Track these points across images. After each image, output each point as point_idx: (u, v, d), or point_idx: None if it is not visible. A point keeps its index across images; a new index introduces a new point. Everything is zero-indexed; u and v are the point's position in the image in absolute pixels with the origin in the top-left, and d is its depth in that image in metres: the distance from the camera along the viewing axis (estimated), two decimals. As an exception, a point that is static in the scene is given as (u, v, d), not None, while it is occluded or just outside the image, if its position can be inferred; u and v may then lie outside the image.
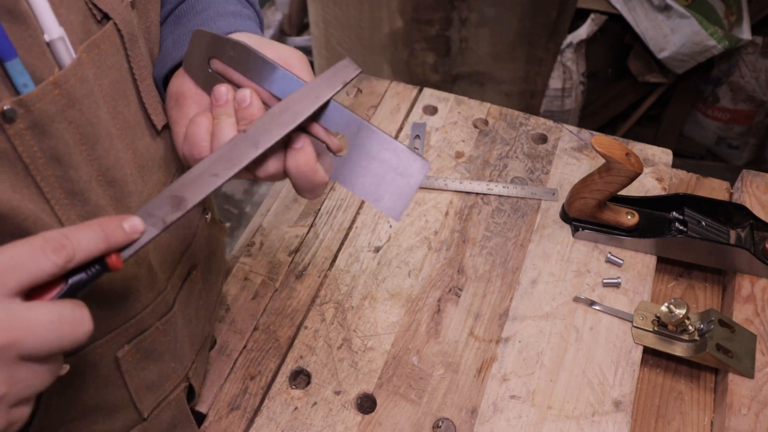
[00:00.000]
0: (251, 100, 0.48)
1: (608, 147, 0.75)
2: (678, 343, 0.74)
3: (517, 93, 1.68)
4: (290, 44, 2.20)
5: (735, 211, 0.83)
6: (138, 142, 0.50)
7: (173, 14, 0.58)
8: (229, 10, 0.57)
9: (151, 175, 0.52)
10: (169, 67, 0.52)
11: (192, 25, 0.54)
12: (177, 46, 0.53)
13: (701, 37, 1.83)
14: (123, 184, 0.48)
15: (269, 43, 0.51)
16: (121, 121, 0.48)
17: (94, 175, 0.45)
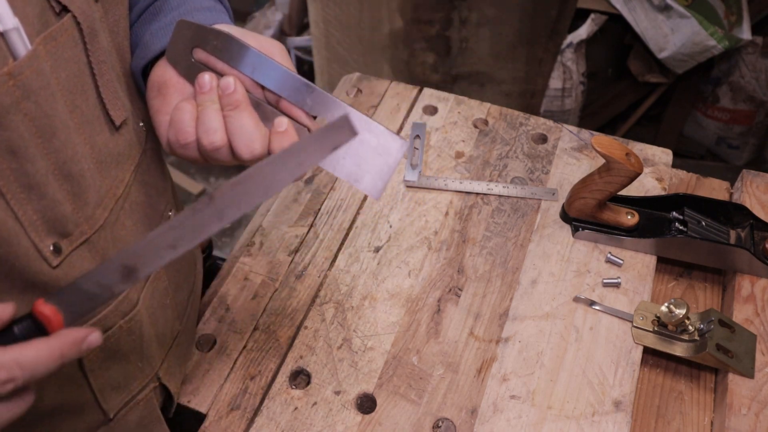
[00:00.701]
0: (235, 86, 0.49)
1: (608, 147, 0.75)
2: (678, 343, 0.74)
3: (517, 93, 1.68)
4: (290, 44, 2.20)
5: (735, 211, 0.83)
6: (96, 136, 0.49)
7: (148, 11, 0.58)
8: (205, 5, 0.58)
9: (108, 170, 0.52)
10: (148, 59, 0.53)
11: (169, 19, 0.55)
12: (155, 38, 0.54)
13: (701, 37, 1.83)
14: (80, 179, 0.48)
15: (250, 33, 0.52)
16: (78, 115, 0.47)
17: (51, 169, 0.45)
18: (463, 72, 1.63)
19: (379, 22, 1.54)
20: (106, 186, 0.52)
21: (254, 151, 0.49)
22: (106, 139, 0.51)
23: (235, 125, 0.49)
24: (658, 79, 2.00)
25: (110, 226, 0.53)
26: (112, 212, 0.53)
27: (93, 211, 0.50)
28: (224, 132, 0.49)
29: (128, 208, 0.56)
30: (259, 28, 2.17)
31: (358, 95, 1.02)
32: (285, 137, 0.49)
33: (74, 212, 0.48)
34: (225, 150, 0.49)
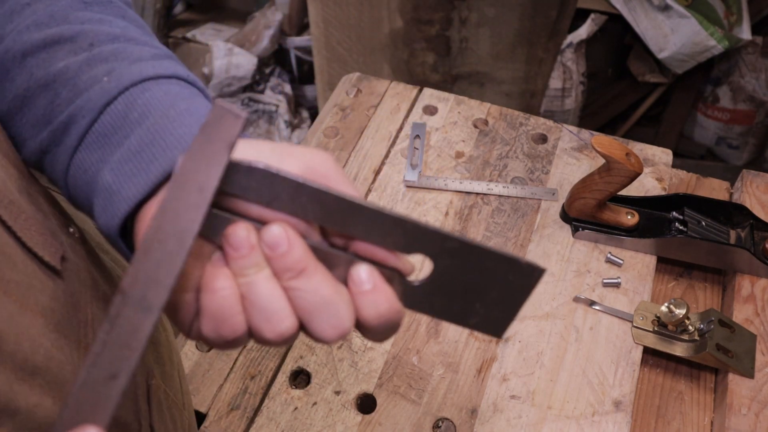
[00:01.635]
0: (289, 239, 0.34)
1: (608, 147, 0.75)
2: (678, 343, 0.74)
3: (517, 93, 1.68)
4: (290, 44, 2.20)
5: (735, 211, 0.83)
6: (41, 298, 0.36)
7: (89, 130, 0.39)
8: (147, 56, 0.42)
9: (70, 328, 0.38)
10: (123, 214, 0.36)
11: (134, 143, 0.37)
12: (125, 178, 0.36)
13: (701, 37, 1.83)
14: (48, 363, 0.35)
15: (282, 148, 0.36)
16: (14, 290, 0.34)
17: (14, 377, 0.33)
18: (463, 72, 1.63)
19: (379, 22, 1.54)
20: (74, 344, 0.38)
21: (344, 330, 0.34)
22: (51, 293, 0.37)
23: (307, 300, 0.34)
24: (658, 79, 2.00)
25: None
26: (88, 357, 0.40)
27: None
28: (292, 312, 0.34)
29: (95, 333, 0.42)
30: (259, 28, 2.17)
31: (358, 95, 1.02)
32: (379, 296, 0.35)
33: (57, 402, 0.36)
34: (296, 335, 0.35)
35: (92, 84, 0.39)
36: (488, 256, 0.35)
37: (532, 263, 0.35)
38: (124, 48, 0.41)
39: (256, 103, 2.16)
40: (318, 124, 0.99)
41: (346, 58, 1.66)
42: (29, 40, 0.41)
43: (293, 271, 0.34)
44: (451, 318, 0.38)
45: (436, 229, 0.35)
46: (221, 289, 0.34)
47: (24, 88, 0.41)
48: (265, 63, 2.17)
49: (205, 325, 0.35)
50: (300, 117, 2.25)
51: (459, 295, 0.37)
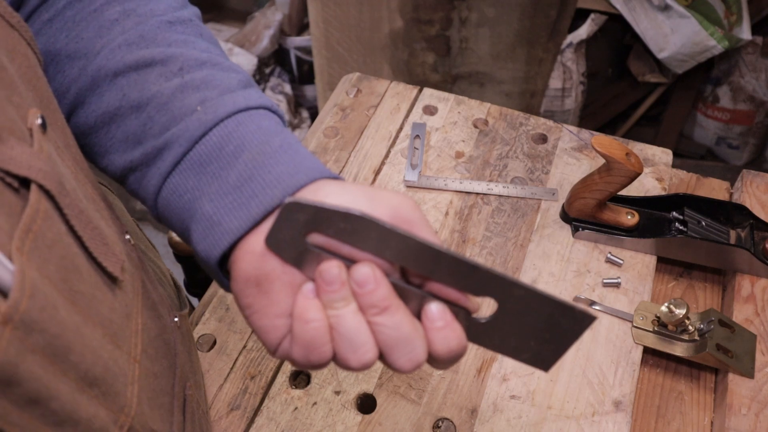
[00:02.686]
0: (377, 280, 0.37)
1: (608, 147, 0.75)
2: (678, 343, 0.74)
3: (517, 93, 1.68)
4: (290, 44, 2.19)
5: (735, 211, 0.83)
6: (102, 309, 0.38)
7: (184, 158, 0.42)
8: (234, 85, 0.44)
9: (123, 339, 0.40)
10: (226, 246, 0.40)
11: (235, 177, 0.40)
12: (227, 212, 0.40)
13: (701, 37, 1.83)
14: (106, 374, 0.37)
15: (373, 194, 0.40)
16: (81, 301, 0.36)
17: (76, 388, 0.35)
18: (463, 72, 1.63)
19: (379, 22, 1.54)
20: (126, 355, 0.40)
21: (419, 363, 0.38)
22: (111, 304, 0.39)
23: (389, 335, 0.38)
24: (658, 79, 2.00)
25: (142, 391, 0.42)
26: (140, 378, 0.42)
27: (125, 395, 0.39)
28: (375, 344, 0.38)
29: (150, 353, 0.44)
30: (259, 28, 2.17)
31: (358, 95, 1.02)
32: (450, 333, 0.38)
33: (109, 413, 0.38)
34: (374, 363, 0.39)
35: (187, 113, 0.42)
36: (550, 303, 0.39)
37: (585, 311, 0.39)
38: (213, 76, 0.44)
39: (256, 103, 2.15)
40: (318, 124, 0.99)
41: (346, 58, 1.66)
42: (122, 60, 0.44)
43: (378, 308, 0.37)
44: (506, 352, 0.42)
45: (506, 276, 0.39)
46: (314, 320, 0.37)
47: (115, 107, 0.44)
48: (265, 63, 2.17)
49: (296, 350, 0.38)
50: (300, 117, 2.25)
51: (516, 334, 0.41)
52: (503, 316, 0.40)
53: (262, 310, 0.40)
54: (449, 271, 0.39)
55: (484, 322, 0.41)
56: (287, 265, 0.39)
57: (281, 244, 0.39)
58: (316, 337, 0.38)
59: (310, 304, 0.38)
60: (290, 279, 0.39)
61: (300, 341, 0.38)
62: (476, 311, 0.41)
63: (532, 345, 0.41)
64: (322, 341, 0.38)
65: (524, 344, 0.41)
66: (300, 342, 0.38)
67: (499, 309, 0.40)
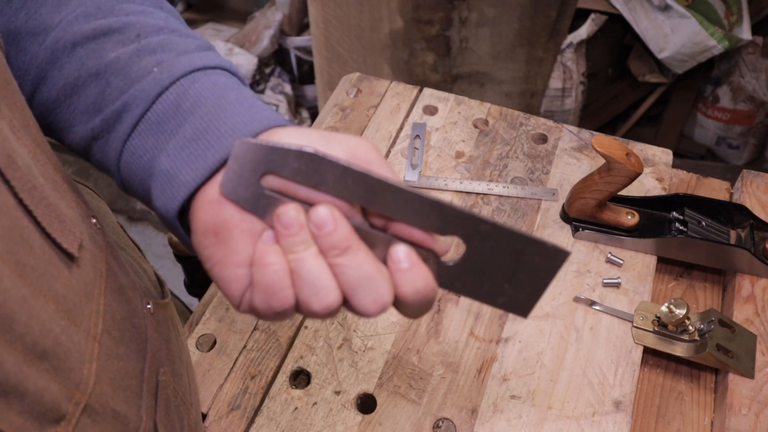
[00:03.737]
0: (335, 220, 0.36)
1: (608, 147, 0.75)
2: (678, 343, 0.74)
3: (517, 93, 1.68)
4: (290, 44, 2.20)
5: (735, 212, 0.83)
6: (55, 284, 0.37)
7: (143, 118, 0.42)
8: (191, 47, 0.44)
9: (81, 313, 0.39)
10: (183, 197, 0.39)
11: (190, 131, 0.40)
12: (182, 164, 0.40)
13: (701, 37, 1.83)
14: (56, 348, 0.36)
15: (329, 135, 0.39)
16: (29, 274, 0.35)
17: (23, 359, 0.34)
18: (463, 72, 1.63)
19: (379, 22, 1.54)
20: (83, 332, 0.39)
21: (384, 305, 0.37)
22: (66, 280, 0.38)
23: (351, 276, 0.37)
24: (658, 79, 2.00)
25: (103, 370, 0.41)
26: (99, 357, 0.41)
27: (81, 372, 0.39)
28: (337, 287, 0.37)
29: (114, 335, 0.43)
30: (259, 28, 2.17)
31: (358, 95, 1.02)
32: (416, 274, 0.38)
33: (62, 389, 0.37)
34: (339, 308, 0.38)
35: (143, 75, 0.42)
36: (518, 238, 0.38)
37: (557, 246, 0.38)
38: (169, 40, 0.44)
39: (256, 103, 2.15)
40: (318, 124, 0.99)
41: (346, 58, 1.66)
42: (79, 31, 0.44)
43: (338, 249, 0.36)
44: (480, 297, 0.41)
45: (470, 213, 0.37)
46: (272, 263, 0.37)
47: (74, 77, 0.43)
48: (265, 63, 2.17)
49: (257, 297, 0.38)
50: (300, 117, 2.24)
51: (489, 276, 0.40)
52: (473, 257, 0.39)
53: (222, 260, 0.39)
54: (411, 209, 0.38)
55: (453, 265, 0.39)
56: (245, 212, 0.38)
57: (237, 190, 0.38)
58: (276, 281, 0.37)
59: (269, 249, 0.37)
60: (249, 227, 0.38)
61: (260, 287, 0.37)
62: (444, 254, 0.39)
63: (507, 288, 0.40)
64: (282, 285, 0.37)
65: (498, 287, 0.40)
66: (260, 287, 0.37)
67: (467, 250, 0.39)
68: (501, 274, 0.39)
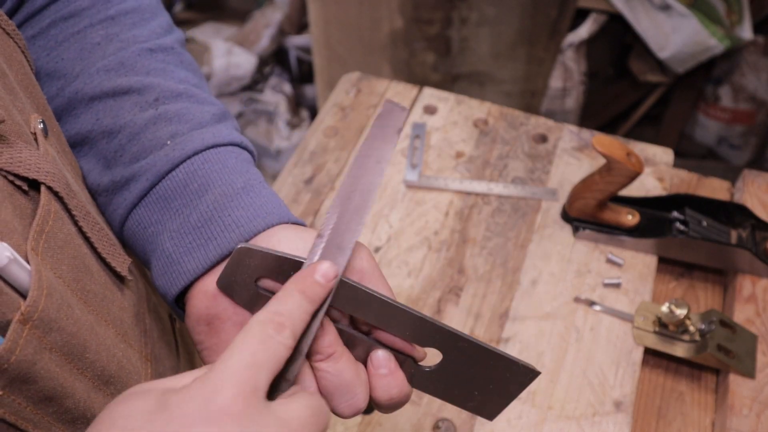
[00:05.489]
0: (324, 327, 0.39)
1: (609, 147, 0.75)
2: (679, 343, 0.73)
3: (517, 93, 1.67)
4: (290, 44, 2.19)
5: (736, 211, 0.82)
6: (112, 308, 0.39)
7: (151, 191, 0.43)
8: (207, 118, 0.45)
9: (134, 338, 0.42)
10: (183, 285, 0.41)
11: (195, 218, 0.41)
12: (185, 252, 0.41)
13: (702, 37, 1.83)
14: (120, 373, 0.38)
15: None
16: (93, 300, 0.37)
17: (91, 386, 0.36)
18: (463, 72, 1.63)
19: (379, 22, 1.54)
20: (137, 354, 0.42)
21: (359, 410, 0.39)
22: (120, 303, 0.41)
23: (330, 381, 0.38)
24: (659, 78, 2.00)
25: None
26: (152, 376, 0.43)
27: None
28: (316, 388, 0.39)
29: (156, 354, 0.45)
30: (259, 28, 2.16)
31: (358, 95, 1.02)
32: (392, 381, 0.40)
33: None
34: None
35: (156, 146, 0.43)
36: (492, 356, 0.40)
37: (528, 366, 0.41)
38: (187, 109, 0.45)
39: (256, 103, 2.15)
40: (318, 124, 0.98)
41: (346, 58, 1.66)
42: (99, 86, 0.45)
43: (322, 355, 0.38)
44: (451, 400, 0.43)
45: (451, 330, 0.40)
46: None
47: (88, 130, 0.45)
48: (265, 62, 2.17)
49: None
50: (300, 117, 2.24)
51: (461, 383, 0.42)
52: (448, 366, 0.41)
53: (212, 347, 0.41)
54: (397, 321, 0.40)
55: (428, 371, 0.42)
56: (238, 306, 0.40)
57: (233, 287, 0.40)
58: None
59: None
60: (241, 320, 0.40)
61: None
62: (421, 360, 0.42)
63: (477, 395, 0.42)
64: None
65: (469, 394, 0.42)
66: None
67: (443, 359, 0.41)
68: (472, 383, 0.42)
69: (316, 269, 0.37)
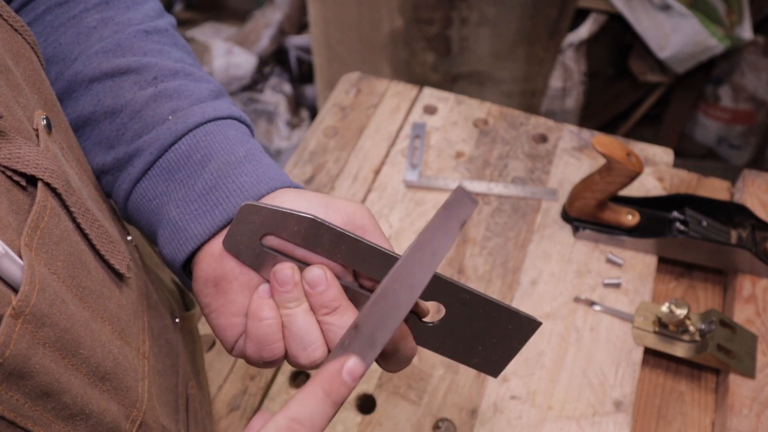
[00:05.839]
0: (328, 281, 0.39)
1: (609, 147, 0.75)
2: (679, 343, 0.73)
3: (517, 93, 1.67)
4: (290, 44, 2.19)
5: (736, 211, 0.82)
6: (109, 305, 0.39)
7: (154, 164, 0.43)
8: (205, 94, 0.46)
9: (131, 335, 0.42)
10: (190, 250, 0.42)
11: (201, 186, 0.42)
12: (190, 218, 0.42)
13: (702, 37, 1.83)
14: (116, 368, 0.38)
15: (328, 201, 0.42)
16: (89, 297, 0.37)
17: (87, 381, 0.36)
18: (463, 71, 1.63)
19: (379, 22, 1.54)
20: (135, 351, 0.41)
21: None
22: (118, 301, 0.40)
23: (337, 333, 0.39)
24: (659, 78, 2.00)
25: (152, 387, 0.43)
26: (149, 374, 0.43)
27: (137, 390, 0.41)
28: (324, 343, 0.40)
29: (155, 351, 0.45)
30: (259, 27, 2.16)
31: (358, 95, 1.02)
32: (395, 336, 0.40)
33: (121, 408, 0.39)
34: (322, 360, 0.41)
35: (158, 121, 0.44)
36: (494, 307, 0.41)
37: (530, 317, 0.41)
38: (185, 86, 0.46)
39: (256, 103, 2.15)
40: (318, 124, 0.98)
41: (346, 58, 1.66)
42: (98, 67, 0.45)
43: (328, 308, 0.39)
44: (455, 357, 0.44)
45: (453, 282, 0.41)
46: (267, 318, 0.40)
47: (90, 111, 0.45)
48: (265, 62, 2.17)
49: (250, 347, 0.41)
50: (300, 117, 2.24)
51: (465, 339, 0.43)
52: (451, 320, 0.42)
53: (219, 308, 0.42)
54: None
55: (432, 326, 0.42)
56: (245, 266, 0.41)
57: (239, 246, 0.41)
58: (269, 334, 0.40)
59: (264, 303, 0.40)
60: (247, 279, 0.41)
61: (253, 338, 0.40)
62: (425, 315, 0.42)
63: (480, 350, 0.43)
64: (274, 338, 0.40)
65: (472, 349, 0.43)
66: (253, 339, 0.40)
67: (446, 314, 0.42)
68: (476, 338, 0.42)
69: (343, 366, 0.36)
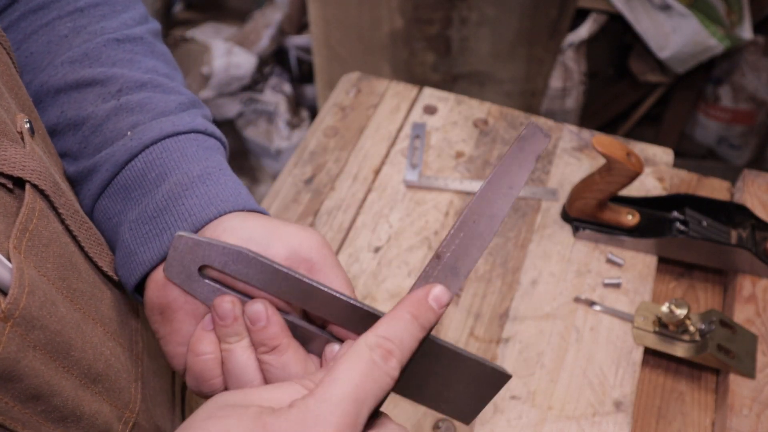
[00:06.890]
0: (269, 317, 0.38)
1: (609, 147, 0.75)
2: (679, 343, 0.73)
3: (517, 93, 1.67)
4: (290, 44, 2.19)
5: (736, 211, 0.82)
6: (101, 307, 0.39)
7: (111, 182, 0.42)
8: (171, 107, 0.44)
9: (124, 337, 0.42)
10: (139, 276, 0.40)
11: (151, 207, 0.41)
12: (141, 242, 0.41)
13: (702, 37, 1.83)
14: (108, 370, 0.38)
15: (274, 229, 0.40)
16: (80, 299, 0.37)
17: (78, 384, 0.36)
18: (463, 71, 1.63)
19: (379, 22, 1.54)
20: (128, 352, 0.42)
21: None
22: (109, 302, 0.41)
23: (274, 374, 0.38)
24: (659, 78, 2.00)
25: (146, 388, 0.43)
26: (143, 375, 0.43)
27: (129, 392, 0.41)
28: (261, 381, 0.38)
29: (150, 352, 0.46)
30: (259, 27, 2.16)
31: (357, 95, 1.02)
32: None
33: (114, 409, 0.39)
34: None
35: (116, 137, 0.43)
36: (459, 358, 0.39)
37: (498, 369, 0.39)
38: (149, 99, 0.45)
39: (256, 103, 2.15)
40: (317, 124, 0.98)
41: (346, 58, 1.66)
42: (63, 78, 0.45)
43: (267, 347, 0.37)
44: (422, 401, 0.41)
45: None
46: (204, 353, 0.38)
47: (54, 122, 0.45)
48: (265, 62, 2.17)
49: (189, 380, 0.40)
50: (300, 117, 2.24)
51: (430, 385, 0.40)
52: (410, 364, 0.39)
53: (166, 336, 0.40)
54: (346, 316, 0.38)
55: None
56: (188, 295, 0.40)
57: (180, 276, 0.39)
58: (206, 370, 0.39)
59: (204, 337, 0.39)
60: (192, 309, 0.40)
61: (191, 372, 0.39)
62: None
63: (448, 396, 0.41)
64: (212, 374, 0.39)
65: (439, 396, 0.41)
66: (191, 373, 0.39)
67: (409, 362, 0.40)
68: (442, 385, 0.40)
69: (429, 292, 0.36)
